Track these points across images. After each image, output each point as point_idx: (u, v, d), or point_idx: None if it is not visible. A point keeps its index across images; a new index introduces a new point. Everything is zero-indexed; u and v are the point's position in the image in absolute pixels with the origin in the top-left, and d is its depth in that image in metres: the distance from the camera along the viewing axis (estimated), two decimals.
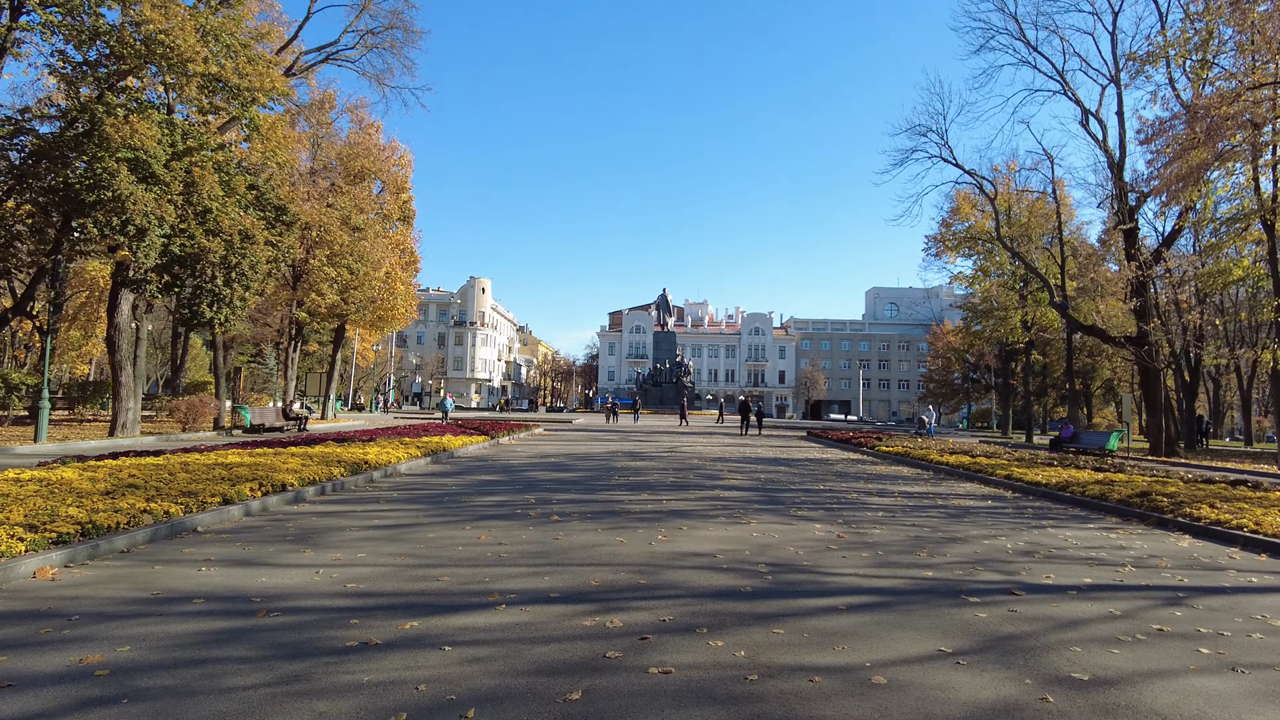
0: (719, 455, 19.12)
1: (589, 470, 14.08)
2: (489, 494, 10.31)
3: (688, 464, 16.10)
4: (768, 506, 9.69)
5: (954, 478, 15.10)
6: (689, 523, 8.19)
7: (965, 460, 16.94)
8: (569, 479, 12.49)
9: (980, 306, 36.81)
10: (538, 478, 12.67)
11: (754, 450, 22.04)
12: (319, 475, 10.55)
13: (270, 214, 17.87)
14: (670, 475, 13.42)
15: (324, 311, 27.70)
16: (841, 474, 14.93)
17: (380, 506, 9.01)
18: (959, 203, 36.41)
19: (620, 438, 26.65)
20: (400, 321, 34.51)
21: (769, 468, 15.86)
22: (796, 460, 18.43)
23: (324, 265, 27.74)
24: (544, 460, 16.20)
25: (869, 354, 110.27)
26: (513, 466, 14.62)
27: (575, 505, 9.36)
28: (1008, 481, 13.37)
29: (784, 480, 13.23)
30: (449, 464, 15.07)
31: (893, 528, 8.30)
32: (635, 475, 13.29)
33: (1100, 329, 27.41)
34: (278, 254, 17.97)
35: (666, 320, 79.11)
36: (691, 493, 10.96)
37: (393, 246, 32.87)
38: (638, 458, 17.55)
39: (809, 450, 23.09)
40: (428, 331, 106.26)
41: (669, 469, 14.66)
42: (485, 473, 13.30)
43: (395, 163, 34.50)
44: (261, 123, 16.51)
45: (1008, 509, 10.37)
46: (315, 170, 29.31)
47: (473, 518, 8.21)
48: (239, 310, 16.63)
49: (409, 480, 11.93)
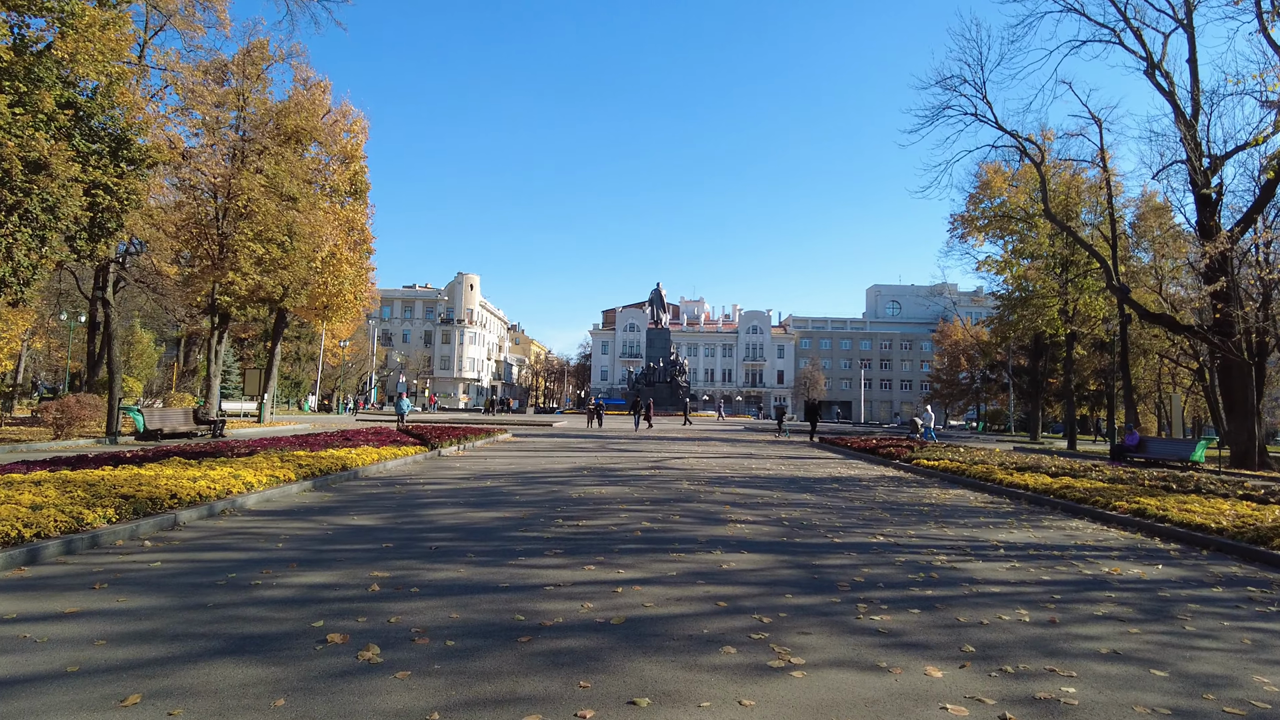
0: (717, 473, 14.68)
1: (527, 505, 9.64)
2: (317, 567, 5.86)
3: (673, 490, 11.65)
4: (813, 601, 5.23)
5: (1049, 509, 10.72)
6: (657, 669, 3.76)
7: (1047, 481, 12.54)
8: (485, 525, 8.05)
9: (1015, 295, 32.38)
10: (439, 521, 8.23)
11: (761, 464, 17.61)
12: (59, 523, 6.32)
13: (104, 145, 13.38)
14: (644, 515, 8.97)
15: (245, 294, 23.19)
16: (893, 507, 10.50)
17: (93, 599, 4.56)
18: (989, 177, 31.97)
19: (598, 446, 22.20)
20: (351, 310, 29.99)
21: (788, 495, 11.42)
22: (820, 481, 14.00)
23: (249, 241, 23.26)
24: (475, 486, 11.74)
25: (870, 353, 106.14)
26: (419, 498, 10.17)
27: (449, 602, 4.93)
28: (1154, 525, 8.90)
29: (818, 523, 8.80)
30: (333, 493, 10.63)
31: (1086, 669, 3.85)
32: (591, 515, 8.85)
33: (1169, 316, 23.03)
34: (114, 201, 13.40)
35: (661, 317, 74.44)
36: (672, 557, 6.53)
37: (340, 223, 28.36)
38: (607, 479, 13.11)
39: (829, 463, 18.66)
40: (413, 329, 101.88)
41: (644, 501, 10.21)
42: (365, 511, 8.85)
43: (345, 128, 30.04)
44: (79, 11, 11.86)
45: (1228, 594, 5.94)
46: (243, 130, 24.81)
47: (195, 655, 3.76)
48: (28, 271, 12.05)
49: (233, 527, 7.51)
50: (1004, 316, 33.68)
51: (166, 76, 19.54)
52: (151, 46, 20.25)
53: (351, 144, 30.23)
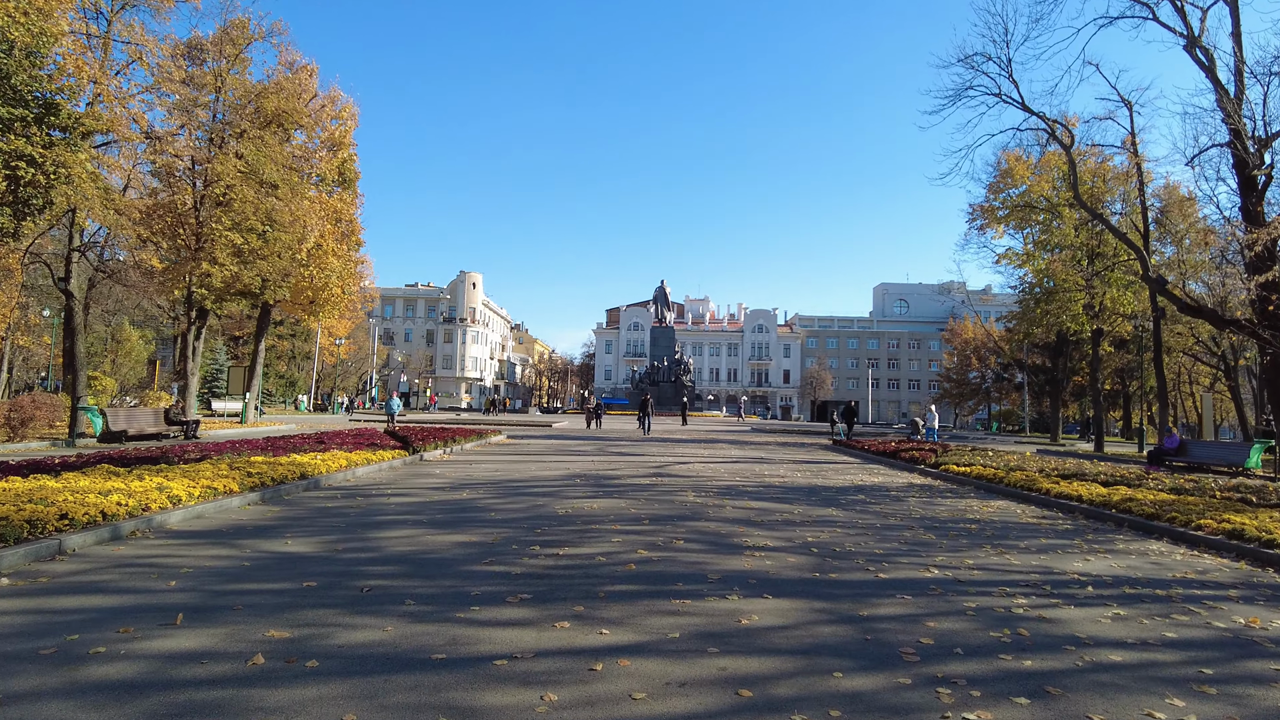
0: (726, 482, 13.16)
1: (502, 524, 8.14)
2: (201, 621, 4.36)
3: (677, 505, 10.13)
4: (873, 685, 3.67)
5: (1114, 526, 9.17)
6: None
7: (1102, 492, 10.97)
8: (442, 554, 6.54)
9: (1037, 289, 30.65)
10: (387, 548, 6.72)
11: (774, 471, 16.09)
12: None
13: (27, 111, 11.82)
14: (640, 539, 7.46)
15: (221, 286, 21.73)
16: (935, 525, 8.95)
17: None
18: (1010, 165, 30.31)
19: (596, 450, 20.69)
20: (339, 305, 28.53)
21: (811, 510, 9.88)
22: (844, 491, 12.45)
23: (227, 230, 21.83)
24: (447, 499, 10.25)
25: (878, 352, 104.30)
26: (376, 514, 8.68)
27: (351, 690, 3.41)
28: (1260, 551, 7.27)
29: (854, 549, 7.26)
30: (281, 506, 9.15)
31: None
32: (577, 540, 7.34)
33: (1212, 309, 21.35)
34: (39, 175, 11.84)
35: (665, 315, 72.73)
36: (674, 605, 5.00)
37: (327, 213, 26.92)
38: (602, 489, 11.59)
39: (847, 469, 17.11)
40: (415, 328, 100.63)
41: (642, 519, 8.69)
42: (305, 532, 7.37)
43: (333, 114, 28.62)
44: None
45: None
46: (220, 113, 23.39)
47: None
48: None
49: (131, 556, 6.06)
50: (1027, 311, 31.96)
51: (130, 50, 18.10)
52: (117, 20, 18.82)
53: (340, 130, 28.80)
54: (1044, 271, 29.28)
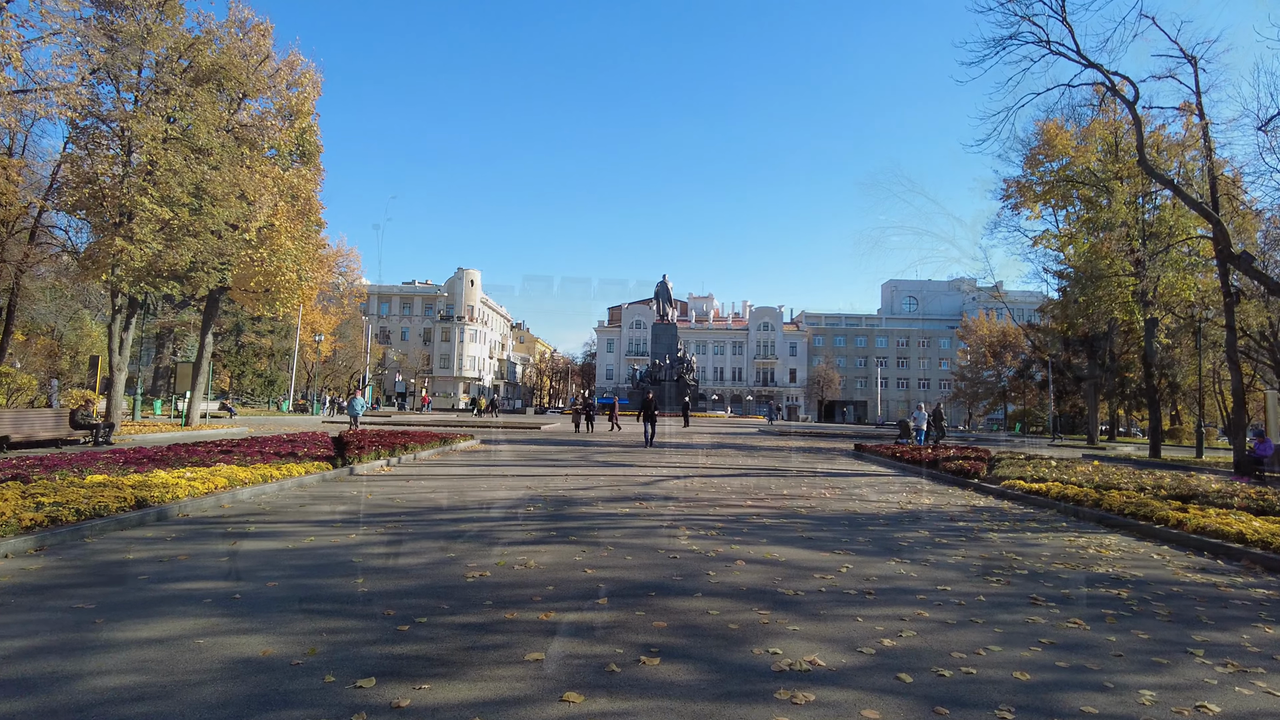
0: (734, 508, 9.90)
1: (362, 608, 4.88)
2: None
3: (661, 557, 6.88)
4: None
5: None
6: None
7: (1271, 529, 7.72)
8: (183, 703, 3.31)
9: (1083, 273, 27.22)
10: (78, 687, 3.50)
11: (793, 486, 12.81)
12: None
13: None
14: (583, 651, 4.22)
15: (140, 267, 18.57)
16: (1058, 587, 5.70)
17: None
18: (1049, 135, 27.01)
19: (577, 458, 17.44)
20: (295, 293, 25.30)
21: (865, 567, 6.60)
22: (896, 522, 9.17)
23: (151, 203, 18.71)
24: (322, 548, 7.02)
25: (886, 350, 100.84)
26: (183, 578, 5.41)
27: None
28: None
29: (965, 658, 4.00)
30: (54, 561, 5.93)
31: None
32: (460, 660, 4.09)
33: None
34: None
35: (667, 311, 69.36)
36: None
37: (281, 189, 23.75)
38: (557, 524, 8.33)
39: (881, 482, 13.83)
40: (412, 326, 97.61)
41: (599, 592, 5.45)
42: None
43: (291, 80, 25.42)
44: None
45: None
46: (145, 69, 20.26)
47: None
48: None
49: None
50: (1070, 299, 28.48)
51: None
52: None
53: (299, 98, 25.58)
54: (1089, 254, 25.95)
